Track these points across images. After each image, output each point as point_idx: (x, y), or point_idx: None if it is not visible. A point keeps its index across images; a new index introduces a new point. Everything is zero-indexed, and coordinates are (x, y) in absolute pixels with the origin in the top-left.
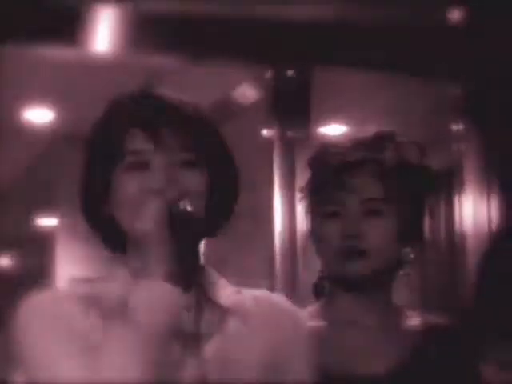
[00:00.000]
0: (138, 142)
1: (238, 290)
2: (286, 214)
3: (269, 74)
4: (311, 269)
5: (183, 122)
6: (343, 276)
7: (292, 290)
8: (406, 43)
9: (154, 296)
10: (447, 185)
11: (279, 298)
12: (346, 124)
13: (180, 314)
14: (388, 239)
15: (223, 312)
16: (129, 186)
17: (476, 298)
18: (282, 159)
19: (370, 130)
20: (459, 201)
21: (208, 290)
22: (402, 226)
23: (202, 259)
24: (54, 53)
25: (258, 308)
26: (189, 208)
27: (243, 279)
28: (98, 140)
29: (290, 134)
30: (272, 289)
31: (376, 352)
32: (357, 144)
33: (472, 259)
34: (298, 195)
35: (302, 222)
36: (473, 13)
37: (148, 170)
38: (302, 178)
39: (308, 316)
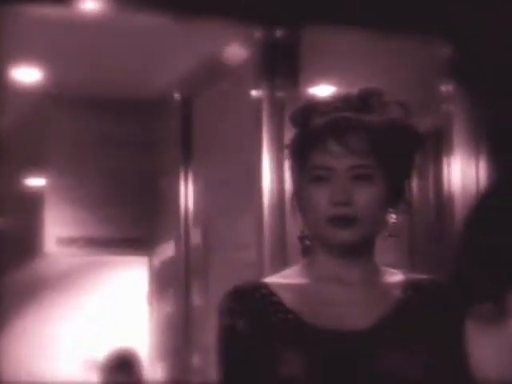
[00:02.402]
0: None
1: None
2: (275, 174)
3: (258, 34)
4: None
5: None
6: (331, 243)
7: (281, 249)
8: (397, 4)
9: None
10: (436, 146)
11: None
12: (336, 84)
13: None
14: (377, 204)
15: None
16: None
17: (462, 257)
18: (270, 120)
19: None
20: (448, 162)
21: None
22: (391, 189)
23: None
24: (42, 11)
25: None
26: None
27: (233, 238)
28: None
29: (279, 94)
30: (261, 248)
31: (361, 307)
32: (342, 102)
33: (460, 220)
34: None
35: (291, 182)
36: None
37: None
38: (291, 138)
39: (293, 274)
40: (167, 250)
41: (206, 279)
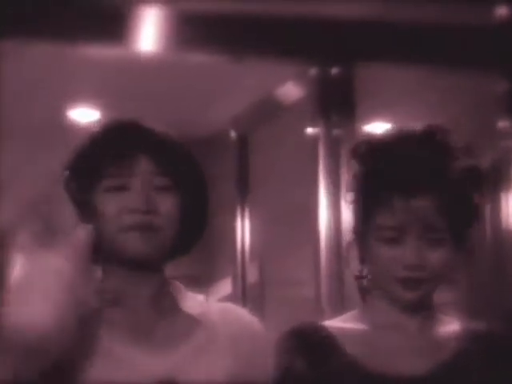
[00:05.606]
0: (118, 169)
1: (204, 302)
2: (332, 212)
3: (313, 72)
4: (357, 269)
5: (159, 149)
6: (398, 300)
7: (338, 286)
8: (453, 39)
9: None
10: (494, 183)
11: (243, 312)
12: (392, 121)
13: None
14: (447, 264)
15: (192, 322)
16: (109, 205)
17: None
18: (327, 157)
19: (416, 126)
20: (506, 200)
21: (178, 300)
22: (457, 242)
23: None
24: (100, 52)
25: (224, 320)
26: None
27: (290, 275)
28: (79, 165)
29: (335, 132)
30: (318, 284)
31: (419, 354)
32: (407, 143)
33: None
34: (344, 195)
35: (348, 220)
36: None
37: (127, 191)
38: (348, 176)
39: (352, 318)
40: (224, 287)
41: (263, 316)
